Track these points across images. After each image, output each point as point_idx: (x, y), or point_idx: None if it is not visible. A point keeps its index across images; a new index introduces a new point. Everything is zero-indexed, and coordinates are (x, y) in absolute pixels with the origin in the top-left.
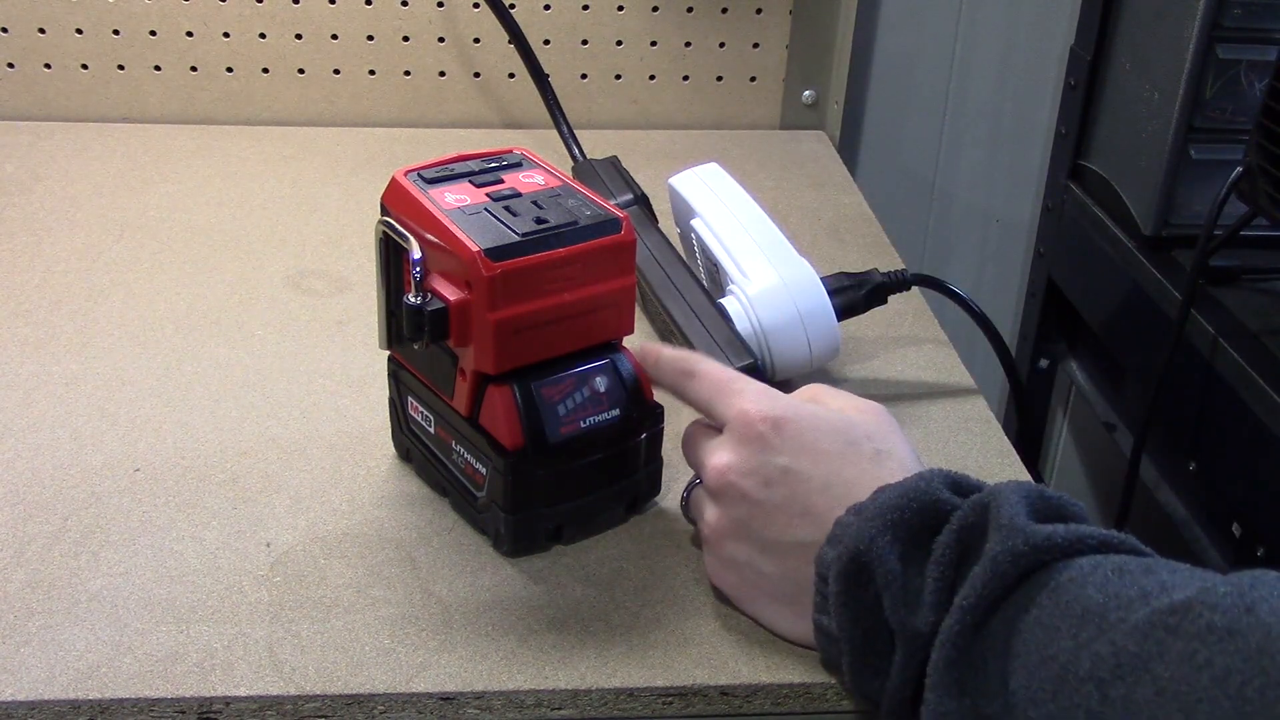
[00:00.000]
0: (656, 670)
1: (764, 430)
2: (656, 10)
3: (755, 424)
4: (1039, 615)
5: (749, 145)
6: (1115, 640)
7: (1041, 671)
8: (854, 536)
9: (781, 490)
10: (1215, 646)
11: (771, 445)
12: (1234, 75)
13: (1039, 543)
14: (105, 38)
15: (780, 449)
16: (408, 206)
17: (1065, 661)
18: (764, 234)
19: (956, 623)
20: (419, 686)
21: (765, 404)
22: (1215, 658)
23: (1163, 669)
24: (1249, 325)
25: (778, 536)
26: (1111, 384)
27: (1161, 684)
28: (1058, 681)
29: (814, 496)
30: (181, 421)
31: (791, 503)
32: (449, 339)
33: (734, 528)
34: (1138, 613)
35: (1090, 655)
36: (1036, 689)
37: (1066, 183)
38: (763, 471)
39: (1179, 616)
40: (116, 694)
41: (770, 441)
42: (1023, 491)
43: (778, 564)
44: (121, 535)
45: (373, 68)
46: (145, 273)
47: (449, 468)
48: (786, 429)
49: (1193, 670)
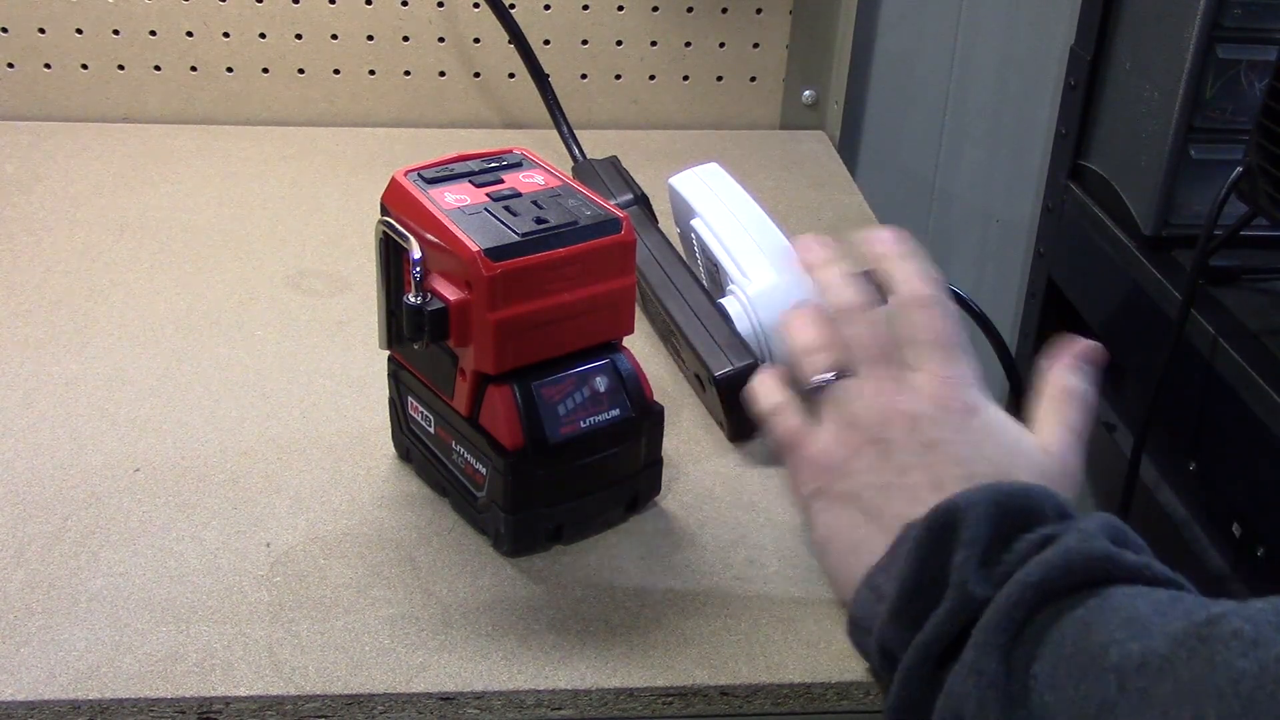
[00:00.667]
0: (656, 670)
1: (958, 407)
2: (656, 10)
3: (956, 397)
4: (1084, 615)
5: (749, 145)
6: (1148, 643)
7: (1070, 661)
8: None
9: (930, 459)
10: (1235, 650)
11: (954, 422)
12: (1234, 75)
13: (1112, 554)
14: (105, 38)
15: (958, 429)
16: (408, 206)
17: (1095, 654)
18: (764, 234)
19: (1016, 593)
20: (419, 686)
21: (974, 388)
22: (1234, 660)
23: (1184, 670)
24: (1249, 325)
25: (900, 484)
26: (1111, 384)
27: (1180, 683)
28: (1081, 671)
29: (951, 481)
30: (181, 421)
31: (930, 472)
32: (449, 339)
33: (870, 453)
34: (1177, 624)
35: (1119, 651)
36: (1061, 676)
37: (1066, 183)
38: (930, 436)
39: (1211, 625)
40: (116, 694)
41: (955, 419)
42: (1109, 521)
43: (879, 503)
44: (121, 535)
45: (373, 68)
46: (145, 273)
47: (449, 468)
48: (976, 420)
49: (1209, 669)
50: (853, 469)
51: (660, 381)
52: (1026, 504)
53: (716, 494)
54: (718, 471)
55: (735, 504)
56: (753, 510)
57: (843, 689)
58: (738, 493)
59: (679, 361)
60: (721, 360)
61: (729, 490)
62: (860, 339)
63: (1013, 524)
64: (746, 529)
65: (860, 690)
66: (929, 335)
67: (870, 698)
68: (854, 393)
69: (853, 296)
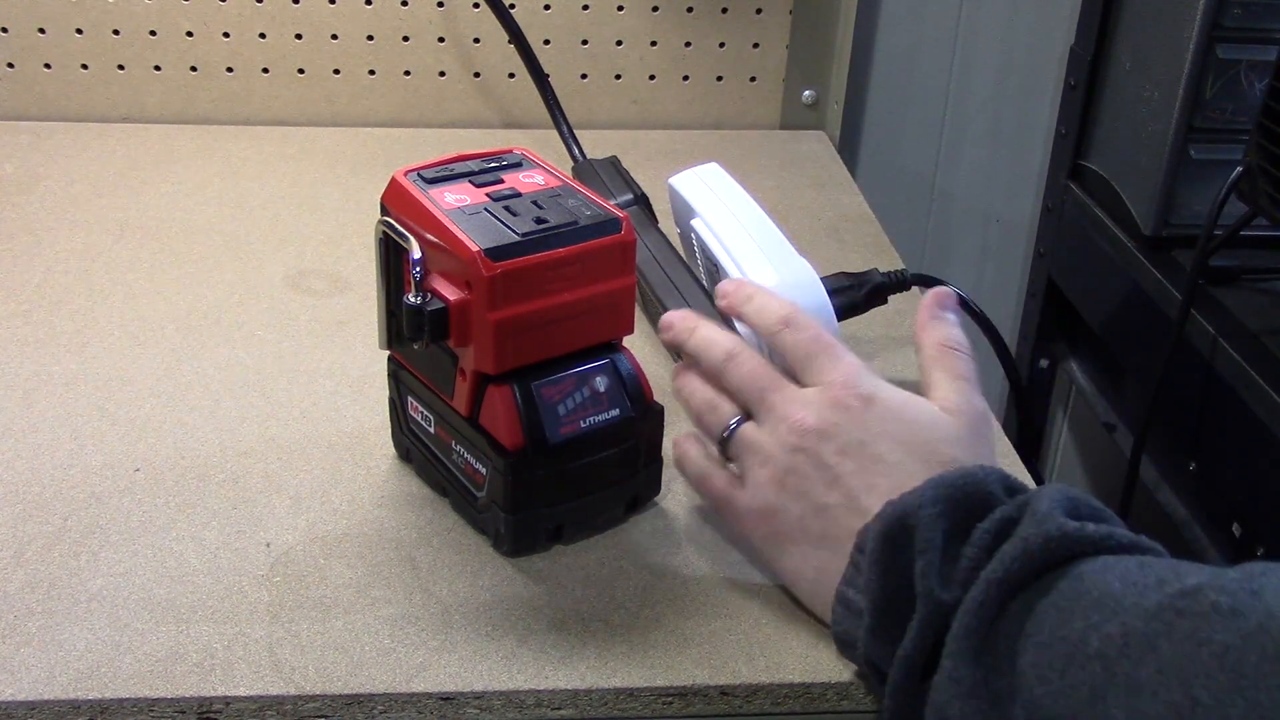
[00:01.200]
0: (656, 670)
1: (855, 404)
2: (656, 10)
3: (851, 394)
4: (1057, 600)
5: (749, 145)
6: (1126, 622)
7: (1051, 651)
8: (904, 502)
9: (852, 464)
10: (1218, 624)
11: (858, 420)
12: (1234, 75)
13: (1070, 532)
14: (105, 38)
15: (865, 426)
16: (408, 206)
17: (1076, 641)
18: (764, 234)
19: (981, 594)
20: (419, 686)
21: (864, 378)
22: (1216, 634)
23: (1167, 647)
24: (1249, 325)
25: (833, 503)
26: (1111, 384)
27: (1164, 661)
28: (1066, 660)
29: (879, 478)
30: (181, 421)
31: (858, 477)
32: (449, 339)
33: (793, 483)
34: (1151, 597)
35: (1100, 635)
36: (1045, 667)
37: (1066, 183)
38: (842, 441)
39: (1188, 599)
40: (116, 694)
41: (858, 415)
42: (1063, 493)
43: (823, 527)
44: (121, 535)
45: (373, 68)
46: (145, 273)
47: (449, 468)
48: (876, 408)
49: (1194, 646)
50: (784, 504)
51: (660, 381)
52: (972, 491)
53: None
54: None
55: None
56: None
57: (843, 689)
58: None
59: (679, 362)
60: None
61: None
62: (740, 382)
63: (965, 515)
64: None
65: (860, 690)
66: (800, 350)
67: (870, 698)
68: (757, 431)
69: (718, 351)
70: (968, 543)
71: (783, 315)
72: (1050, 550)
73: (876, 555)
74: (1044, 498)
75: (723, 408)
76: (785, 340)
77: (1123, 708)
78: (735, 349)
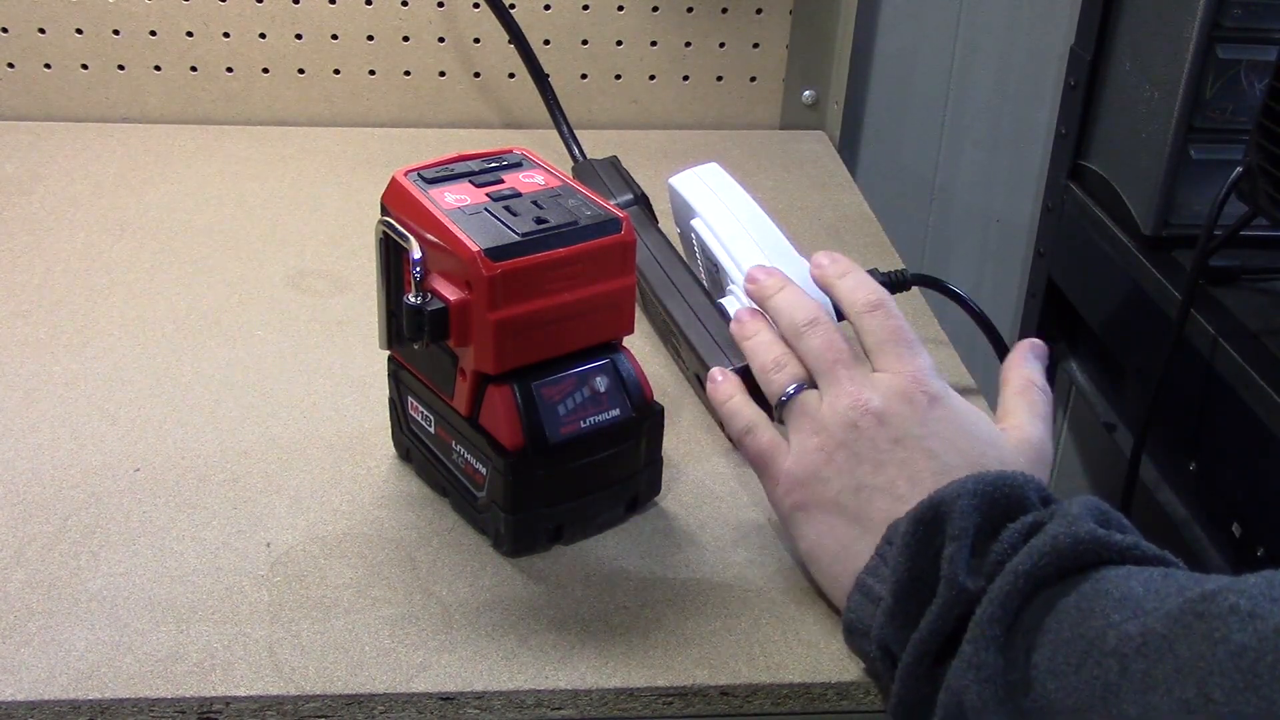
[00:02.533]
0: (656, 670)
1: (921, 398)
2: (656, 10)
3: (919, 388)
4: (1078, 599)
5: (749, 145)
6: (1146, 623)
7: (1068, 647)
8: (942, 490)
9: (904, 453)
10: (1235, 625)
11: (920, 414)
12: (1234, 75)
13: (1100, 536)
14: (105, 38)
15: (924, 422)
16: (408, 206)
17: (1093, 639)
18: (764, 234)
19: (1008, 584)
20: (419, 686)
21: (935, 379)
22: (1233, 634)
23: (1184, 648)
24: (1249, 325)
25: (875, 485)
26: (1111, 384)
27: (1180, 660)
28: (1082, 656)
29: (926, 475)
30: (181, 421)
31: (905, 468)
32: (449, 339)
33: (841, 457)
34: (1172, 601)
35: (1118, 634)
36: (1060, 662)
37: (1066, 183)
38: (899, 430)
39: (1208, 602)
40: (116, 694)
41: (920, 410)
42: (1094, 503)
43: (858, 506)
44: (121, 535)
45: (373, 68)
46: (145, 273)
47: (449, 468)
48: (940, 409)
49: (1210, 645)
50: (827, 475)
51: (660, 381)
52: (1009, 492)
53: (716, 494)
54: (718, 471)
55: (735, 504)
56: (753, 510)
57: (843, 689)
58: (738, 493)
59: (679, 361)
60: (721, 360)
61: (729, 490)
62: (816, 349)
63: (998, 513)
64: (746, 529)
65: (860, 690)
66: (882, 335)
67: (870, 698)
68: (818, 401)
69: (802, 314)
70: (997, 540)
71: (875, 298)
72: (1077, 551)
73: (907, 537)
74: (1075, 504)
75: (790, 368)
76: (870, 322)
77: (1136, 704)
78: (820, 317)
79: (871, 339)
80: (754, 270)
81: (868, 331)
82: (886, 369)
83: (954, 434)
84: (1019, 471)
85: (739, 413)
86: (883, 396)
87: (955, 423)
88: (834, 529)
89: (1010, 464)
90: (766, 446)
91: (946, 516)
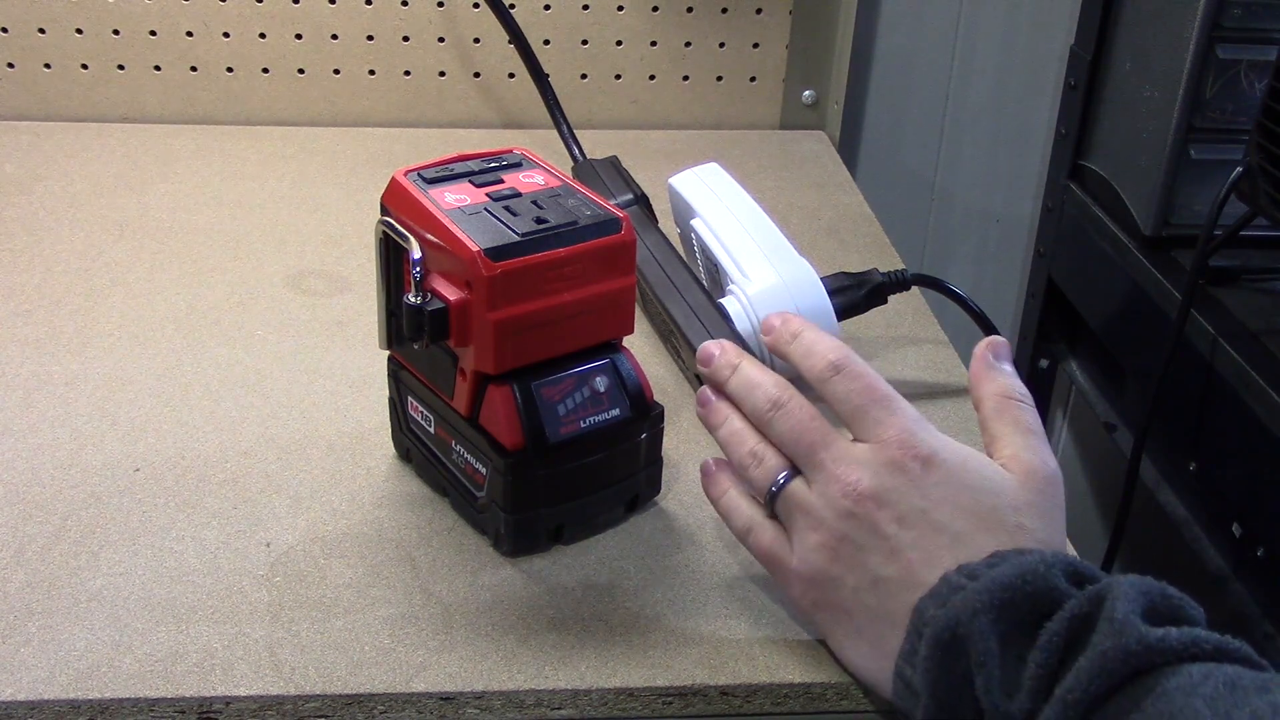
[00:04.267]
0: (656, 670)
1: (914, 465)
2: (656, 10)
3: (908, 455)
4: None
5: (749, 145)
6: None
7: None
8: (957, 607)
9: (912, 534)
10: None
11: (917, 484)
12: (1234, 75)
13: (1152, 643)
14: (105, 38)
15: (924, 492)
16: (408, 206)
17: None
18: (764, 234)
19: (1059, 716)
20: (419, 686)
21: (921, 435)
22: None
23: None
24: (1249, 325)
25: (891, 575)
26: (1111, 384)
27: None
28: None
29: (941, 551)
30: (181, 421)
31: (917, 550)
32: (449, 339)
33: (847, 551)
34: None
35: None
36: None
37: (1066, 183)
38: (901, 508)
39: None
40: (116, 694)
41: (916, 479)
42: (1141, 587)
43: (879, 601)
44: (121, 535)
45: (373, 68)
46: (145, 273)
47: (449, 468)
48: (936, 471)
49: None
50: (837, 574)
51: (660, 381)
52: (1032, 590)
53: None
54: None
55: None
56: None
57: (842, 689)
58: None
59: (679, 361)
60: None
61: None
62: (787, 436)
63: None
64: None
65: (860, 690)
66: (853, 401)
67: (870, 697)
68: (807, 490)
69: (763, 399)
70: (1034, 646)
71: (832, 360)
72: (1130, 665)
73: (929, 663)
74: (1120, 595)
75: (769, 461)
76: (836, 389)
77: None
78: (782, 397)
79: (844, 407)
80: (704, 349)
81: (837, 400)
82: (868, 438)
83: (958, 495)
84: (1037, 555)
85: (735, 510)
86: (873, 474)
87: (956, 482)
88: (860, 628)
89: (1025, 506)
90: (770, 547)
91: (965, 640)
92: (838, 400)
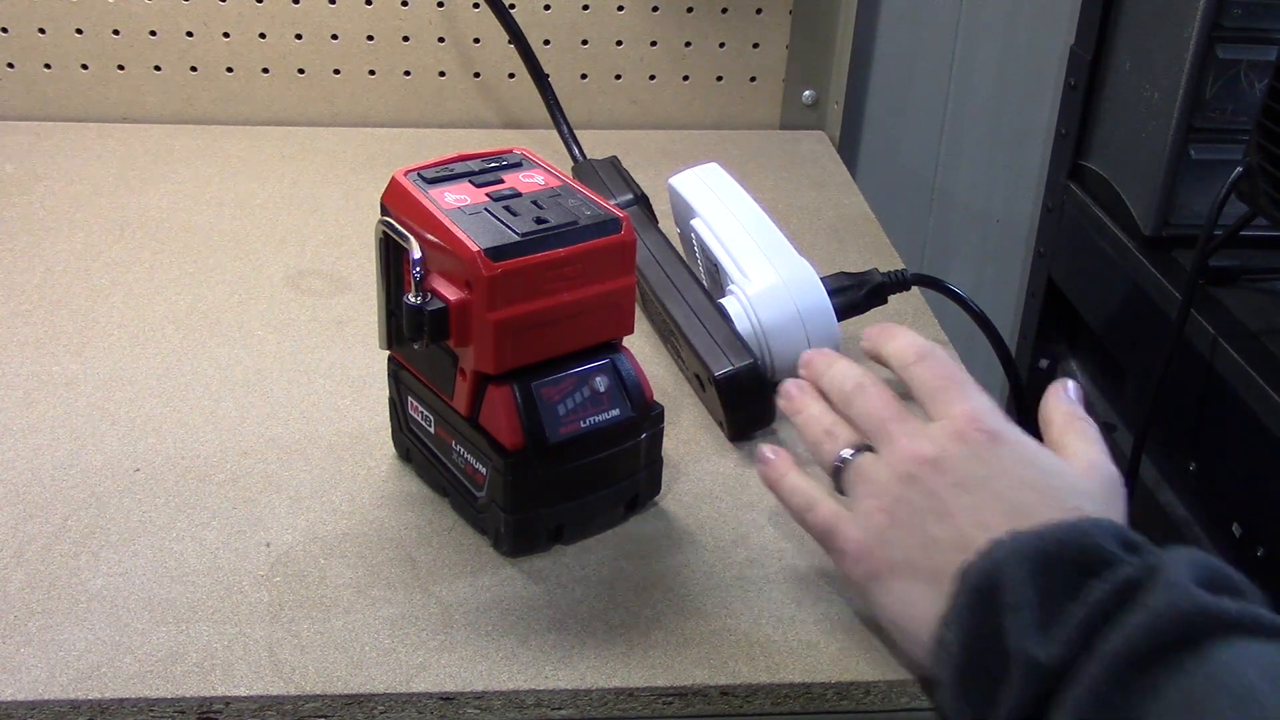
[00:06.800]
0: (656, 670)
1: (980, 438)
2: (656, 10)
3: (976, 428)
4: (1188, 685)
5: (749, 145)
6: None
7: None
8: (998, 557)
9: (969, 499)
10: None
11: (980, 454)
12: (1234, 75)
13: (1208, 608)
14: (105, 38)
15: (986, 461)
16: (408, 206)
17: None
18: (764, 234)
19: (1099, 670)
20: (419, 686)
21: (992, 416)
22: None
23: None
24: (1249, 325)
25: (942, 537)
26: (1111, 384)
27: None
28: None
29: (996, 518)
30: (181, 421)
31: (971, 514)
32: (449, 339)
33: (903, 514)
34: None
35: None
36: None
37: (1066, 183)
38: (960, 473)
39: None
40: (116, 694)
41: (981, 450)
42: (1197, 560)
43: (931, 562)
44: (121, 535)
45: (373, 68)
46: (145, 273)
47: (449, 468)
48: (1001, 446)
49: None
50: (892, 537)
51: (660, 381)
52: (1075, 545)
53: (716, 494)
54: (718, 471)
55: (735, 504)
56: (753, 510)
57: (843, 689)
58: (738, 493)
59: (679, 361)
60: (721, 360)
61: (729, 490)
62: (865, 411)
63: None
64: (746, 529)
65: (860, 690)
66: (932, 383)
67: (870, 698)
68: (874, 461)
69: (850, 381)
70: (1076, 600)
71: (920, 350)
72: (1183, 627)
73: (961, 606)
74: (1177, 563)
75: (840, 435)
76: (918, 372)
77: None
78: (865, 380)
79: (922, 388)
80: (805, 354)
81: (918, 381)
82: (940, 415)
83: (1020, 469)
84: (1085, 518)
85: (796, 490)
86: (936, 442)
87: (1020, 457)
88: (910, 593)
89: (1085, 493)
90: (829, 519)
91: (1001, 585)
92: (920, 382)
